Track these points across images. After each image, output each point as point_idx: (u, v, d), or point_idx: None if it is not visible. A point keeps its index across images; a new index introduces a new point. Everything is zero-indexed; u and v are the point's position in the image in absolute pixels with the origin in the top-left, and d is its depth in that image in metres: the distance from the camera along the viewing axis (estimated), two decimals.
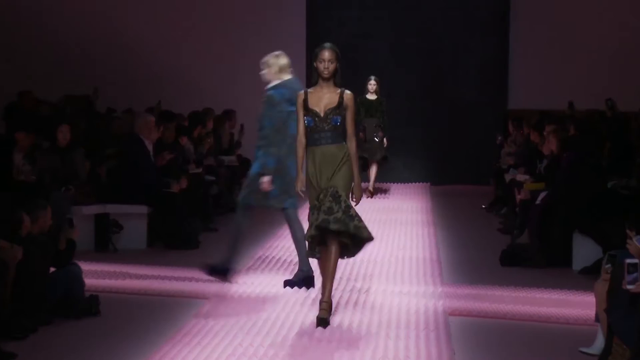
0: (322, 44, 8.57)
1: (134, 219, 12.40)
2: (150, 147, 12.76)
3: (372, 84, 17.22)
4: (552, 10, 19.78)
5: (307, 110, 8.45)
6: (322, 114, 8.41)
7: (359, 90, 16.22)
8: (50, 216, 9.20)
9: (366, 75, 17.41)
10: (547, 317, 8.88)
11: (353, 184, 8.52)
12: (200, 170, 14.92)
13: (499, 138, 17.82)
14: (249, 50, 19.30)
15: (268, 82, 10.04)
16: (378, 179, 17.80)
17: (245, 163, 17.49)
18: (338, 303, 9.12)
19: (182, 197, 13.06)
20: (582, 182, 11.30)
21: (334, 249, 8.27)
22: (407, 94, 19.97)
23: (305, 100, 8.47)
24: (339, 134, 8.51)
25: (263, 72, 10.08)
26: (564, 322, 8.76)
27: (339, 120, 8.42)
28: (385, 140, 17.24)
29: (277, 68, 10.03)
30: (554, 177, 11.95)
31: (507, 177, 15.15)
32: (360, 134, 16.53)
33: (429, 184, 19.91)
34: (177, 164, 13.77)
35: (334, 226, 8.17)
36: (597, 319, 7.48)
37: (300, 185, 8.63)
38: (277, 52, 10.16)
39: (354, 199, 8.51)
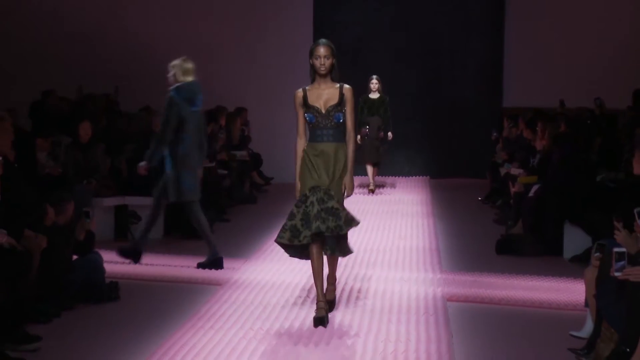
0: (317, 41, 8.10)
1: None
2: None
3: (374, 83, 16.84)
4: (545, 14, 19.73)
5: (308, 107, 7.94)
6: (323, 111, 7.91)
7: (363, 90, 16.21)
8: (73, 208, 9.23)
9: (369, 75, 17.12)
10: (540, 303, 8.88)
11: (345, 177, 7.97)
12: (213, 164, 14.92)
13: (494, 134, 17.81)
14: (258, 52, 19.36)
15: (172, 84, 10.23)
16: (379, 172, 17.64)
17: (255, 157, 17.53)
18: (343, 290, 9.12)
19: None
20: (572, 176, 11.30)
21: (315, 249, 7.79)
22: (408, 93, 19.93)
23: (305, 97, 7.95)
24: (341, 132, 8.01)
25: (169, 74, 10.25)
26: (555, 307, 8.76)
27: (342, 117, 7.94)
28: (390, 134, 16.85)
29: (181, 71, 10.22)
30: (546, 171, 11.94)
31: (502, 171, 15.15)
32: (362, 130, 16.29)
33: (428, 177, 19.90)
34: None
35: (322, 228, 7.70)
36: (586, 304, 7.47)
37: (299, 195, 7.94)
38: (183, 57, 10.34)
39: (346, 192, 7.99)
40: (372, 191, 16.92)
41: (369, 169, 16.94)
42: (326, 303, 7.92)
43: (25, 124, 14.19)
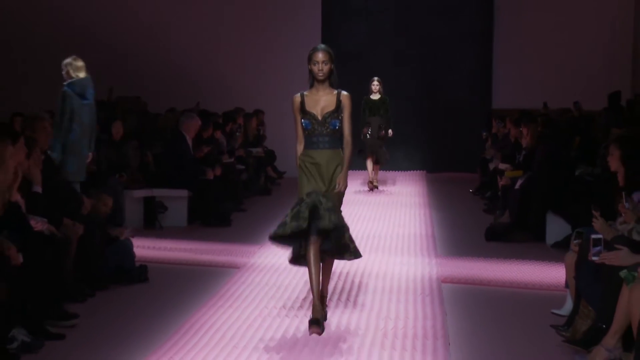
0: (315, 46, 7.23)
1: (176, 201, 12.42)
2: (190, 142, 12.80)
3: (375, 85, 16.08)
4: (530, 25, 19.72)
5: (305, 113, 7.10)
6: (319, 117, 7.07)
7: (366, 92, 16.15)
8: (111, 202, 9.28)
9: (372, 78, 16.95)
10: (525, 284, 8.88)
11: (340, 175, 7.10)
12: (232, 160, 14.95)
13: (484, 134, 17.79)
14: (271, 58, 19.39)
15: (66, 80, 10.38)
16: (380, 170, 17.14)
17: (270, 154, 17.54)
18: (347, 273, 9.13)
19: (216, 183, 13.09)
20: (554, 170, 11.29)
21: (312, 250, 6.86)
22: (407, 95, 19.92)
23: (302, 103, 7.11)
24: (337, 139, 7.18)
25: (63, 72, 10.39)
26: (538, 288, 8.76)
27: (338, 124, 7.09)
28: (390, 131, 16.07)
29: (73, 69, 10.37)
30: (530, 166, 11.93)
31: (491, 166, 15.14)
32: (364, 129, 15.83)
33: (425, 171, 19.90)
34: (212, 155, 13.80)
35: (327, 224, 6.81)
36: (566, 285, 7.47)
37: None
38: (73, 56, 10.51)
39: (339, 188, 7.08)
40: (376, 187, 16.26)
41: (370, 166, 16.20)
42: (320, 305, 6.96)
43: None
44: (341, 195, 7.16)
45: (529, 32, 19.72)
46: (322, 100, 7.11)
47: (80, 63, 10.46)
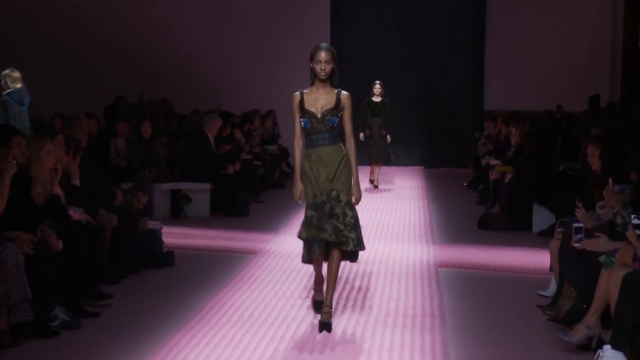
0: (318, 45, 6.61)
1: (200, 193, 12.43)
2: (212, 140, 12.81)
3: (377, 88, 15.19)
4: (517, 35, 19.69)
5: (304, 112, 6.51)
6: (319, 115, 6.48)
7: (370, 94, 16.03)
8: (145, 200, 9.30)
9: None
10: (513, 268, 8.88)
11: (352, 187, 6.55)
12: (250, 156, 14.96)
13: (477, 133, 17.77)
14: (283, 63, 19.39)
15: (5, 89, 10.47)
16: (382, 169, 16.34)
17: (284, 151, 17.55)
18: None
19: (236, 177, 13.10)
20: (540, 166, 11.28)
21: (336, 253, 6.41)
22: (407, 98, 19.90)
23: (302, 102, 6.53)
24: (337, 135, 6.55)
25: (1, 82, 10.49)
26: (525, 271, 8.75)
27: (337, 121, 6.49)
28: (388, 137, 15.18)
29: (10, 79, 10.46)
30: (518, 161, 11.92)
31: (483, 162, 15.11)
32: (367, 131, 15.01)
33: (423, 167, 19.88)
34: (232, 152, 13.82)
35: (330, 237, 6.36)
36: (551, 269, 7.47)
37: (298, 194, 6.60)
38: (11, 68, 10.61)
39: (354, 200, 6.56)
40: (376, 186, 15.47)
41: (375, 166, 15.49)
42: (331, 308, 6.51)
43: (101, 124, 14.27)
44: (349, 184, 6.52)
45: (517, 41, 19.70)
46: (321, 99, 6.54)
47: (17, 74, 10.63)
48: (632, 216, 5.79)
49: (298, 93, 6.59)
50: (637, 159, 6.97)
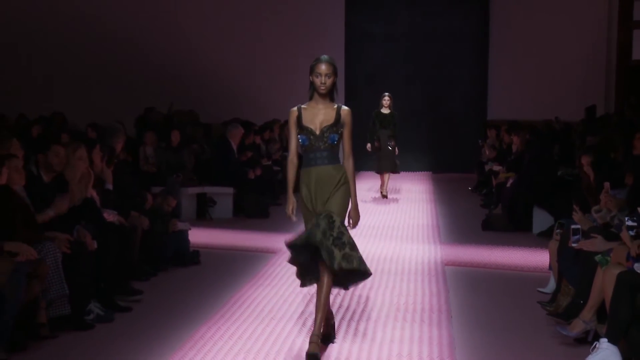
0: (319, 57, 5.77)
1: (223, 196, 12.45)
2: (235, 148, 12.84)
3: (385, 100, 14.37)
4: (519, 49, 19.64)
5: (301, 128, 5.68)
6: (317, 132, 5.65)
7: (379, 106, 15.84)
8: (174, 203, 9.31)
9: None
10: (515, 266, 8.85)
11: (350, 206, 5.70)
12: (269, 162, 14.97)
13: (480, 141, 17.73)
14: (300, 75, 19.33)
15: None
16: (391, 179, 15.34)
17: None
18: (366, 257, 9.10)
19: (257, 181, 13.11)
20: (539, 171, 11.24)
21: (325, 279, 5.50)
22: (415, 109, 19.86)
23: (299, 117, 5.71)
24: (336, 154, 5.73)
25: None
26: (526, 270, 8.72)
27: (336, 139, 5.65)
28: (396, 149, 14.34)
29: None
30: (519, 167, 11.88)
31: (487, 168, 15.08)
32: (376, 142, 14.16)
33: (430, 172, 19.85)
34: (254, 158, 13.83)
35: (323, 254, 5.44)
36: (550, 267, 7.44)
37: (290, 209, 5.75)
38: None
39: (350, 223, 5.71)
40: (385, 196, 14.53)
41: (385, 177, 14.57)
42: (320, 338, 5.53)
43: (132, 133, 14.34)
44: (344, 204, 5.64)
45: (518, 55, 19.65)
46: (320, 114, 5.71)
47: None
48: (626, 218, 5.77)
49: (296, 108, 5.77)
50: (631, 163, 6.95)
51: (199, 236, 10.17)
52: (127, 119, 14.64)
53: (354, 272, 5.57)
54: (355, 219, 5.74)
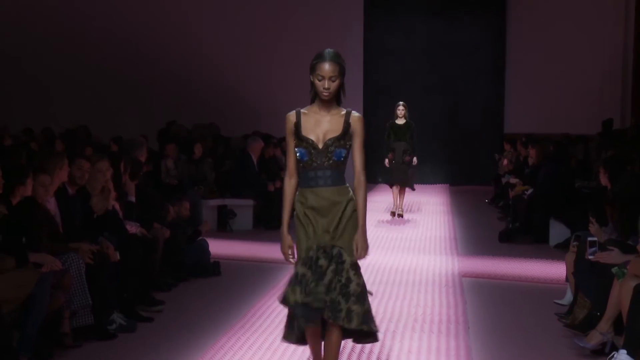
0: (322, 53, 4.64)
1: (244, 208, 12.48)
2: (255, 160, 12.88)
3: (400, 110, 13.16)
4: (536, 61, 19.59)
5: (300, 140, 4.52)
6: (320, 145, 4.48)
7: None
8: (189, 208, 9.35)
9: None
10: (532, 278, 8.82)
11: (357, 234, 4.51)
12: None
13: (497, 155, 17.66)
14: None
15: None
16: (406, 196, 13.76)
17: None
18: (384, 268, 9.10)
19: (276, 193, 13.11)
20: (556, 184, 11.19)
21: (334, 333, 4.51)
22: (433, 122, 19.82)
23: (298, 125, 4.54)
24: (342, 173, 4.54)
25: None
26: (543, 282, 8.68)
27: (344, 155, 4.49)
28: (414, 159, 13.14)
29: None
30: (535, 180, 11.84)
31: (503, 181, 15.02)
32: (390, 155, 13.09)
33: (448, 185, 19.79)
34: (273, 171, 13.86)
35: (327, 314, 4.44)
36: (567, 280, 7.41)
37: (287, 252, 4.72)
38: None
39: (357, 254, 4.52)
40: (400, 215, 13.27)
41: (395, 192, 13.32)
42: None
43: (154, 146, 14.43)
44: (354, 230, 4.53)
45: (535, 69, 19.59)
46: (324, 122, 4.54)
47: None
48: None
49: (293, 113, 4.61)
50: None
51: (219, 247, 10.19)
52: (149, 132, 14.72)
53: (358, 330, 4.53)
54: (362, 246, 4.52)
